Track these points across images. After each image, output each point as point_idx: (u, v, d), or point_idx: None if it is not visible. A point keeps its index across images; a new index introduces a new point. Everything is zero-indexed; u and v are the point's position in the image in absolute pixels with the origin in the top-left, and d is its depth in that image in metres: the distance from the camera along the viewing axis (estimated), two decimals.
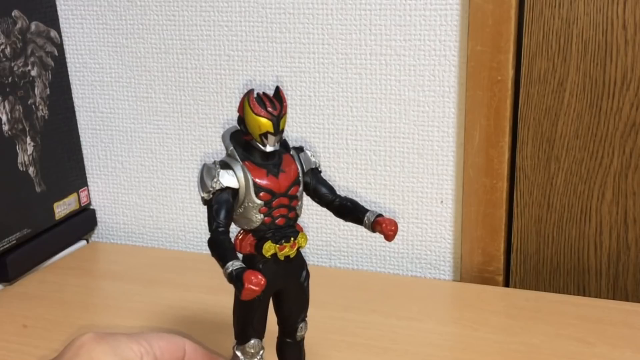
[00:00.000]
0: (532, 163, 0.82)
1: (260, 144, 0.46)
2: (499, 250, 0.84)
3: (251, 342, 0.50)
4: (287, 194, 0.48)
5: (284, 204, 0.48)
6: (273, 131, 0.45)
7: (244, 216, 0.47)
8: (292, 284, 0.51)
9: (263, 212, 0.47)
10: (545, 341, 0.69)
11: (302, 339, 0.54)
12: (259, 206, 0.47)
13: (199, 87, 0.92)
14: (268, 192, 0.47)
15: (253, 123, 0.45)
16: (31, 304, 0.81)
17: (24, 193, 0.89)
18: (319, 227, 0.93)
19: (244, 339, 0.51)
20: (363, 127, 0.87)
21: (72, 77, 0.98)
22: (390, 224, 0.49)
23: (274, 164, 0.47)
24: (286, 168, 0.48)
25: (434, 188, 0.86)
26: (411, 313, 0.76)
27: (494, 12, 0.76)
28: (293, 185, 0.48)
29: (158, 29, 0.92)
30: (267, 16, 0.87)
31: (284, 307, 0.52)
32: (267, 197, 0.47)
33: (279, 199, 0.47)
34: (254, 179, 0.46)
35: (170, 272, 0.89)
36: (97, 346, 0.45)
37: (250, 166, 0.47)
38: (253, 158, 0.47)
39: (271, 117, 0.45)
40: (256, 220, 0.47)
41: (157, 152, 0.98)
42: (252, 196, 0.46)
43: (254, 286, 0.42)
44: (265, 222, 0.47)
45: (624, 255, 0.82)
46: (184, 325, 0.74)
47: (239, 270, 0.43)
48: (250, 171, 0.46)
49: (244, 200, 0.47)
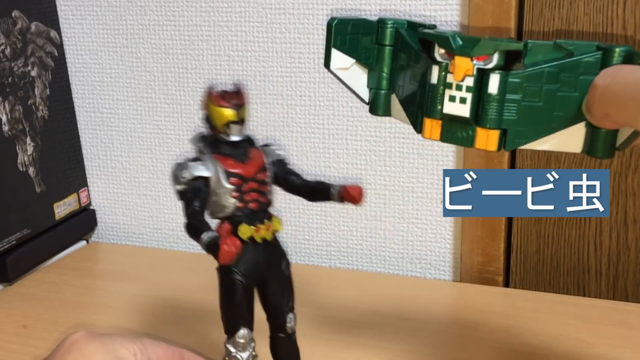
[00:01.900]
0: (532, 163, 0.82)
1: (225, 135, 0.49)
2: (499, 251, 0.84)
3: (240, 331, 0.51)
4: (256, 178, 0.50)
5: (255, 188, 0.50)
6: (236, 119, 0.48)
7: (217, 203, 0.50)
8: (274, 272, 0.52)
9: (235, 197, 0.49)
10: (545, 341, 0.69)
11: (293, 333, 0.55)
12: (230, 191, 0.49)
13: (199, 87, 0.92)
14: (238, 177, 0.49)
15: (216, 115, 0.49)
16: (31, 304, 0.81)
17: (24, 193, 0.89)
18: (319, 227, 0.93)
19: (232, 329, 0.51)
20: (363, 127, 0.87)
21: (72, 77, 0.98)
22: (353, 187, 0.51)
23: (240, 152, 0.50)
24: (252, 156, 0.51)
25: (434, 188, 0.86)
26: (411, 313, 0.76)
27: (494, 12, 0.76)
28: (260, 170, 0.51)
29: (158, 29, 0.92)
30: (267, 16, 0.87)
31: (270, 297, 0.53)
32: (237, 181, 0.49)
33: (249, 183, 0.50)
34: (224, 166, 0.49)
35: (170, 272, 0.89)
36: (89, 343, 0.45)
37: (219, 157, 0.50)
38: (221, 150, 0.50)
39: (232, 106, 0.48)
40: (229, 205, 0.50)
41: (157, 152, 0.98)
42: (222, 182, 0.49)
43: (229, 247, 0.44)
44: (238, 206, 0.50)
45: (624, 256, 0.82)
46: (184, 325, 0.74)
47: (214, 237, 0.45)
48: (219, 160, 0.49)
49: (215, 187, 0.49)
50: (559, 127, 0.42)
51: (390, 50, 0.48)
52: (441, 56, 0.43)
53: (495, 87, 0.41)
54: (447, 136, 0.44)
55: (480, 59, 0.42)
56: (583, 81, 0.41)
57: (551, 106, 0.42)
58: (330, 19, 0.47)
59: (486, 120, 0.42)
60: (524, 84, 0.41)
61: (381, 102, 0.49)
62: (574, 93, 0.41)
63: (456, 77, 0.42)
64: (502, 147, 0.43)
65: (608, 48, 0.40)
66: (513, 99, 0.42)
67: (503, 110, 0.42)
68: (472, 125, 0.43)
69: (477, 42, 0.41)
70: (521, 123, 0.42)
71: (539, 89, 0.41)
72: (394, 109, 0.49)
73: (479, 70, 0.42)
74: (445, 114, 0.43)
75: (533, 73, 0.41)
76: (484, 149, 0.43)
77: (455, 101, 0.43)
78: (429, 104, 0.44)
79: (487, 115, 0.42)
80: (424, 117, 0.44)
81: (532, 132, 0.42)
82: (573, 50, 0.41)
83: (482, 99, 0.42)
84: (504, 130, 0.42)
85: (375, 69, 0.48)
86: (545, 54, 0.42)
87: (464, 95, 0.42)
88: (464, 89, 0.42)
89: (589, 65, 0.41)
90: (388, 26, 0.47)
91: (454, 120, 0.43)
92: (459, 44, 0.42)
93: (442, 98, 0.43)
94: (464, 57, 0.41)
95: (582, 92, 0.41)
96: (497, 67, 0.41)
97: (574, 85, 0.41)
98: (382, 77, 0.48)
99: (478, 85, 0.42)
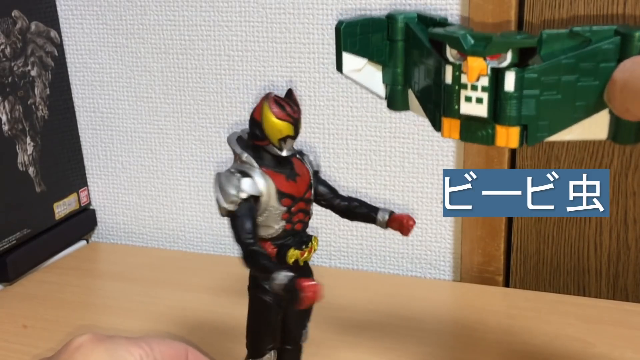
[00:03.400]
0: (532, 163, 0.82)
1: (278, 148, 0.45)
2: (499, 250, 0.84)
3: (266, 356, 0.50)
4: (305, 197, 0.47)
5: (302, 208, 0.47)
6: (293, 134, 0.44)
7: (264, 224, 0.46)
8: None
9: (285, 219, 0.46)
10: (545, 341, 0.69)
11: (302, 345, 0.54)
12: (281, 213, 0.46)
13: (199, 87, 0.92)
14: (290, 197, 0.46)
15: (273, 127, 0.44)
16: (31, 304, 0.81)
17: (24, 193, 0.89)
18: (319, 227, 0.93)
19: (258, 353, 0.50)
20: (363, 127, 0.87)
21: (72, 77, 0.98)
22: (409, 218, 0.49)
23: (289, 168, 0.46)
24: (300, 172, 0.47)
25: (434, 188, 0.86)
26: (411, 313, 0.76)
27: (494, 12, 0.76)
28: (309, 188, 0.47)
29: (158, 29, 0.92)
30: (267, 16, 0.87)
31: (292, 316, 0.51)
32: (288, 202, 0.46)
33: (298, 203, 0.46)
34: (276, 185, 0.45)
35: (170, 272, 0.89)
36: (94, 349, 0.45)
37: (269, 172, 0.45)
38: (267, 163, 0.45)
39: (292, 120, 0.44)
40: (278, 228, 0.46)
41: (157, 152, 0.98)
42: (275, 203, 0.45)
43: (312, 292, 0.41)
44: (286, 228, 0.46)
45: (624, 255, 0.82)
46: (184, 325, 0.74)
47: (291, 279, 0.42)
48: (271, 177, 0.45)
49: (266, 208, 0.45)
50: (581, 116, 0.41)
51: (403, 46, 0.46)
52: (453, 56, 0.41)
53: (511, 85, 0.40)
54: (467, 135, 0.43)
55: (494, 58, 0.40)
56: (604, 69, 0.39)
57: (572, 97, 0.40)
58: (338, 22, 0.46)
59: (505, 119, 0.41)
60: (541, 78, 0.40)
61: (399, 98, 0.48)
62: (594, 82, 0.40)
63: (470, 78, 0.41)
64: (525, 142, 0.42)
65: (627, 32, 0.39)
66: (531, 94, 0.40)
67: (521, 106, 0.40)
68: (491, 124, 0.42)
69: (490, 41, 0.40)
70: (541, 117, 0.41)
71: (557, 82, 0.40)
72: (412, 104, 0.48)
73: (494, 69, 0.40)
74: (462, 114, 0.42)
75: (549, 66, 0.40)
76: (505, 146, 0.42)
77: (472, 102, 0.41)
78: (446, 104, 0.42)
79: (506, 113, 0.41)
80: (441, 116, 0.43)
81: (553, 124, 0.41)
82: (590, 37, 0.40)
83: (499, 97, 0.40)
84: (524, 126, 0.41)
85: (389, 66, 0.47)
86: (562, 43, 0.40)
87: (479, 95, 0.41)
88: (480, 89, 0.41)
89: (608, 52, 0.39)
90: (398, 21, 0.46)
91: (472, 119, 0.42)
92: (471, 44, 0.40)
93: (458, 98, 0.42)
94: (476, 58, 0.40)
95: (603, 80, 0.40)
96: (512, 65, 0.40)
97: (593, 74, 0.40)
98: (396, 73, 0.47)
99: (494, 84, 0.41)
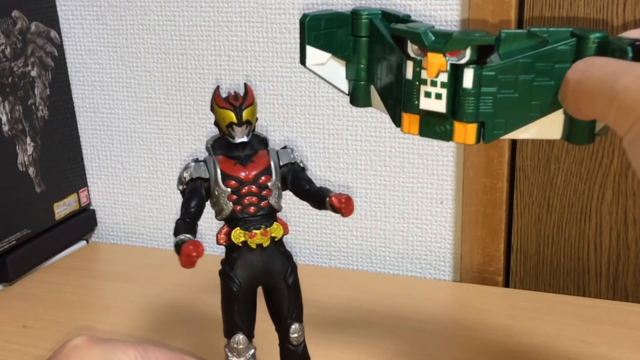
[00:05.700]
0: (532, 163, 0.82)
1: (229, 136, 0.49)
2: (499, 251, 0.84)
3: (236, 337, 0.51)
4: (257, 182, 0.50)
5: (254, 192, 0.50)
6: (236, 121, 0.48)
7: (216, 205, 0.50)
8: (275, 280, 0.51)
9: (232, 200, 0.49)
10: (545, 341, 0.69)
11: (300, 345, 0.53)
12: (227, 194, 0.49)
13: (199, 87, 0.92)
14: (235, 179, 0.49)
15: (219, 116, 0.49)
16: (31, 304, 0.81)
17: (24, 193, 0.89)
18: (319, 227, 0.93)
19: (229, 334, 0.51)
20: (363, 127, 0.87)
21: (72, 77, 0.98)
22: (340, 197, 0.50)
23: (245, 155, 0.50)
24: (257, 159, 0.50)
25: (434, 188, 0.86)
26: (411, 313, 0.76)
27: (494, 12, 0.76)
28: (262, 174, 0.50)
29: (158, 29, 0.92)
30: (267, 16, 0.87)
31: (271, 305, 0.53)
32: (234, 184, 0.49)
33: (247, 187, 0.49)
34: (222, 168, 0.49)
35: (170, 272, 0.89)
36: (89, 350, 0.45)
37: (221, 158, 0.50)
38: (228, 152, 0.50)
39: (233, 108, 0.48)
40: (227, 209, 0.49)
41: (157, 152, 0.98)
42: (220, 184, 0.49)
43: (190, 253, 0.44)
44: (235, 210, 0.49)
45: (623, 256, 0.82)
46: (184, 325, 0.74)
47: (180, 240, 0.45)
48: (220, 162, 0.50)
49: (214, 189, 0.49)
50: (537, 115, 0.42)
51: (367, 42, 0.47)
52: (414, 52, 0.42)
53: (470, 82, 0.41)
54: (426, 131, 0.44)
55: (454, 55, 0.41)
56: (559, 69, 0.40)
57: (528, 96, 0.41)
58: (303, 15, 0.47)
59: (463, 115, 0.42)
60: (498, 76, 0.41)
61: (361, 93, 0.49)
62: (549, 82, 0.41)
63: (430, 74, 0.41)
64: (481, 139, 0.43)
65: (582, 35, 0.40)
66: (489, 91, 0.41)
67: (479, 103, 0.41)
68: (449, 120, 0.42)
69: (449, 38, 0.40)
70: (498, 115, 0.42)
71: (514, 80, 0.41)
72: (374, 100, 0.49)
73: (453, 65, 0.41)
74: (422, 109, 0.43)
75: (507, 65, 0.41)
76: (463, 142, 0.43)
77: (431, 97, 0.42)
78: (406, 100, 0.43)
79: (464, 109, 0.41)
80: (402, 111, 0.44)
81: (510, 122, 0.42)
82: (547, 38, 0.41)
83: (458, 93, 0.41)
84: (482, 123, 0.42)
85: (352, 61, 0.48)
86: (519, 43, 0.41)
87: (439, 91, 0.42)
88: (439, 84, 0.42)
89: (563, 54, 0.40)
90: (362, 17, 0.47)
91: (431, 115, 0.43)
92: (431, 40, 0.41)
93: (418, 94, 0.43)
94: (436, 54, 0.41)
95: (558, 81, 0.41)
96: (471, 62, 0.41)
97: (549, 74, 0.41)
98: (360, 68, 0.48)
99: (453, 80, 0.41)
